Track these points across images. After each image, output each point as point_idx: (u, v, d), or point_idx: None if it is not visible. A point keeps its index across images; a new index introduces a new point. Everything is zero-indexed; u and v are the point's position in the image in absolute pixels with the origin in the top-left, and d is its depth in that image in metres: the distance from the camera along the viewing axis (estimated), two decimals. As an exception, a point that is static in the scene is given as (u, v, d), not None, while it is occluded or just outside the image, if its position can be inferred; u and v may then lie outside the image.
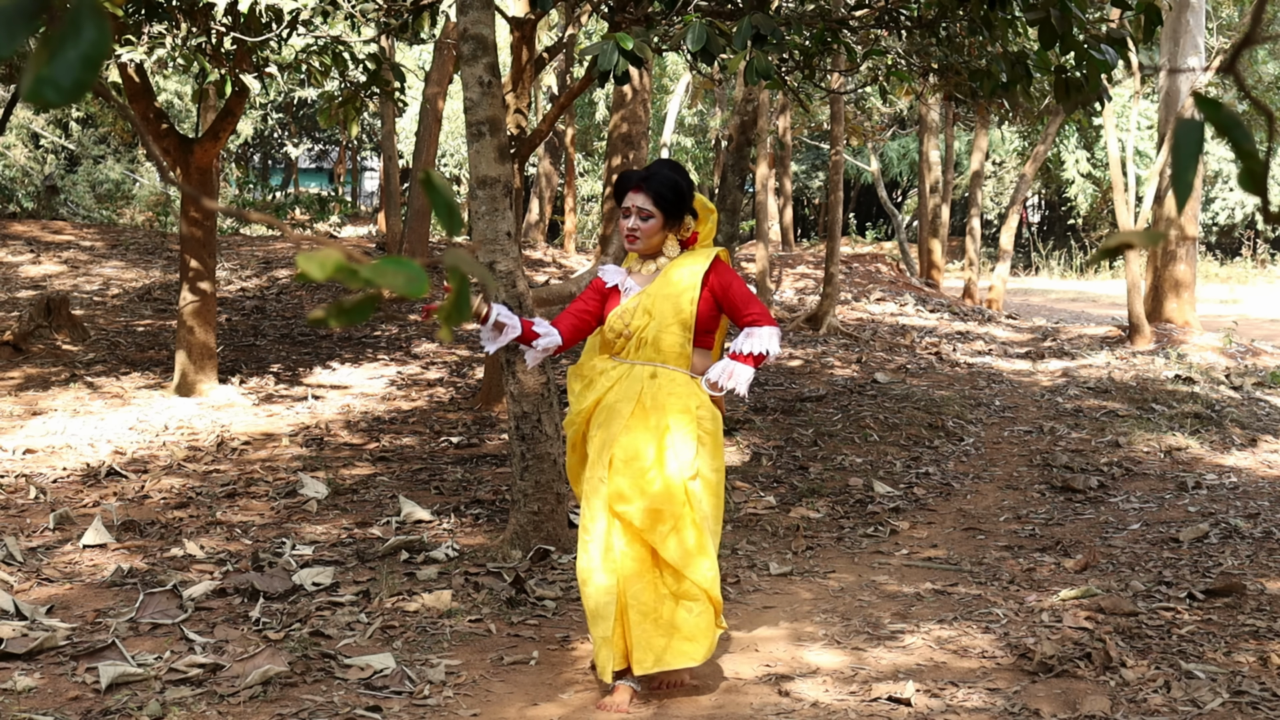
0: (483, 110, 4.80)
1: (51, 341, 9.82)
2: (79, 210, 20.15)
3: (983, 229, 27.12)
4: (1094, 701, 3.45)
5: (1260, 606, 4.35)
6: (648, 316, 3.59)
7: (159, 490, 5.96)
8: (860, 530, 5.66)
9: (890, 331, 13.26)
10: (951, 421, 8.03)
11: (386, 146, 14.67)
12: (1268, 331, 14.89)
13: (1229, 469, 6.92)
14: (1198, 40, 12.59)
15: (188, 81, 20.03)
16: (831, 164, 13.42)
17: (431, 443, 7.29)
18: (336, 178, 36.01)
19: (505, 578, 4.58)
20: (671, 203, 3.61)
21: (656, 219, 3.61)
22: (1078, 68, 5.52)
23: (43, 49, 0.82)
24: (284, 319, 11.73)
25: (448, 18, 11.78)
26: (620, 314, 3.64)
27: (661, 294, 3.60)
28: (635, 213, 3.61)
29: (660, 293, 3.61)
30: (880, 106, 20.39)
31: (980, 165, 18.47)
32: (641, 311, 3.61)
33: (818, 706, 3.49)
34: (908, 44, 6.92)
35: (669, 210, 3.62)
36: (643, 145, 12.20)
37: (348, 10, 7.00)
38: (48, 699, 3.41)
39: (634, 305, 3.63)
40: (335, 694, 3.52)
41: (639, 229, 3.61)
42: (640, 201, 3.60)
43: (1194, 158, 0.94)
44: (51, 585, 4.45)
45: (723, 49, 5.00)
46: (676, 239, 3.69)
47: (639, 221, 3.61)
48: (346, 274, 0.88)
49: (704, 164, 27.10)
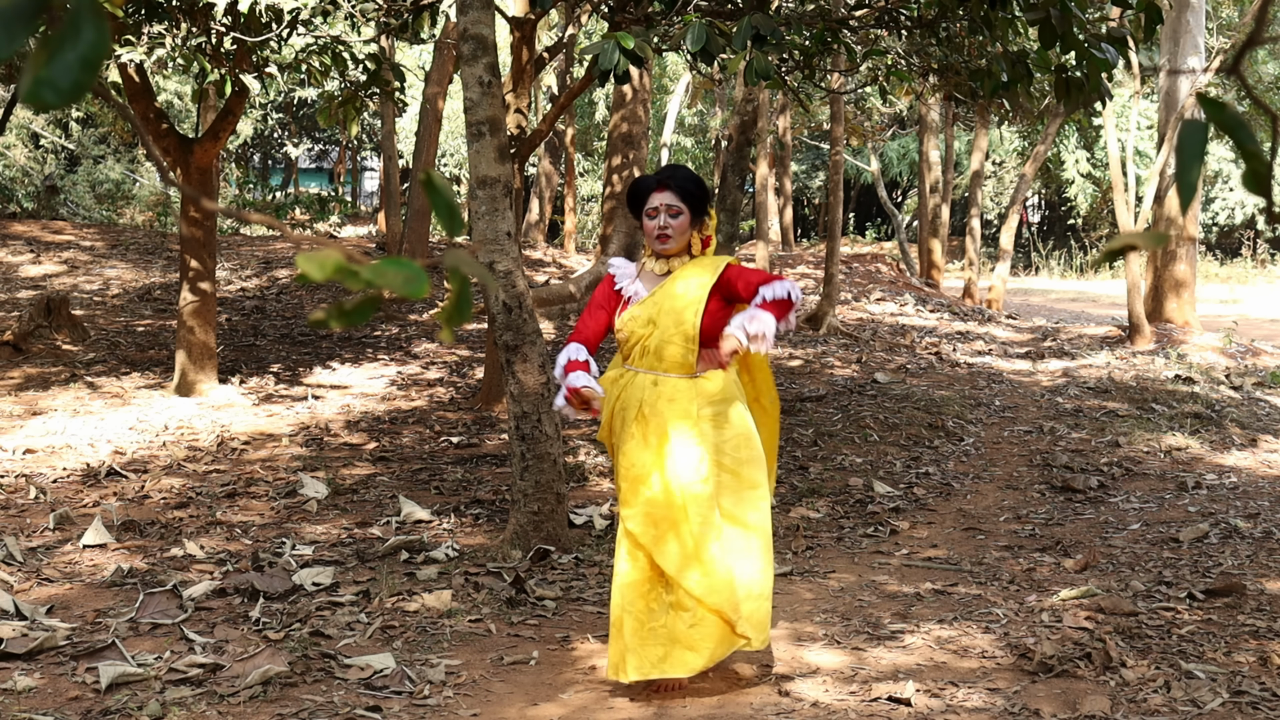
0: (483, 110, 4.80)
1: (51, 341, 9.82)
2: (79, 210, 20.15)
3: (983, 229, 27.12)
4: (1094, 701, 3.45)
5: (1260, 606, 4.35)
6: (651, 326, 3.57)
7: (159, 490, 5.96)
8: (860, 530, 5.66)
9: (890, 331, 13.26)
10: (951, 421, 8.03)
11: (386, 146, 14.67)
12: (1268, 331, 14.88)
13: (1229, 469, 6.92)
14: (1198, 40, 12.59)
15: (188, 81, 20.02)
16: (831, 164, 13.42)
17: (431, 443, 7.29)
18: (336, 178, 36.00)
19: (505, 578, 4.58)
20: (697, 197, 3.59)
21: (685, 215, 3.58)
22: (1078, 67, 5.52)
23: (42, 50, 0.82)
24: (284, 319, 11.73)
25: (448, 18, 11.78)
26: (626, 322, 3.62)
27: (666, 306, 3.57)
28: (664, 210, 3.56)
29: (665, 304, 3.57)
30: (880, 106, 20.38)
31: (980, 165, 18.47)
32: (645, 320, 3.58)
33: (818, 706, 3.49)
34: (908, 44, 6.91)
35: (695, 206, 3.60)
36: (643, 145, 12.19)
37: (348, 10, 7.00)
38: (48, 699, 3.41)
39: (640, 314, 3.60)
40: (335, 694, 3.52)
41: (670, 226, 3.57)
42: (667, 199, 3.56)
43: (1198, 158, 0.94)
44: (51, 585, 4.45)
45: (723, 49, 5.00)
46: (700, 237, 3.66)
47: (669, 219, 3.57)
48: (346, 275, 0.88)
49: (704, 164, 27.09)
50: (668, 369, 3.56)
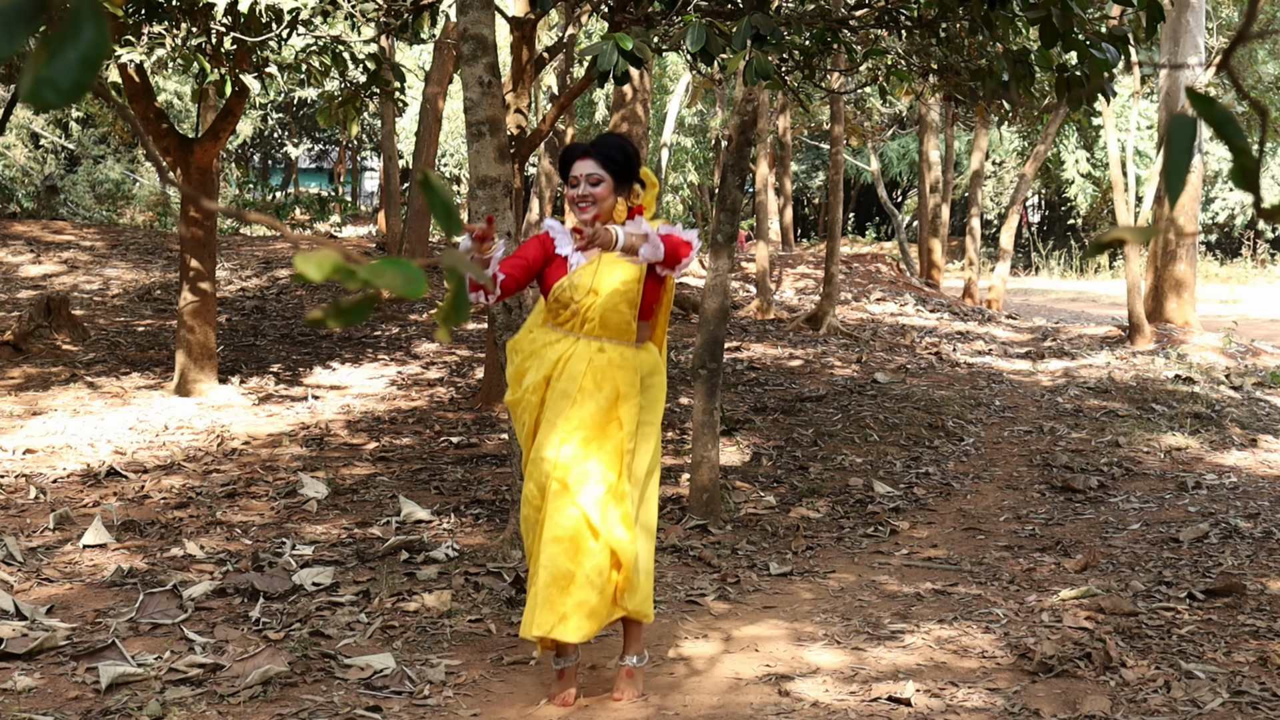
0: (483, 110, 4.80)
1: (51, 341, 9.82)
2: (79, 210, 20.15)
3: (983, 229, 27.13)
4: (1094, 701, 3.45)
5: (1260, 606, 4.35)
6: (594, 295, 3.49)
7: (159, 490, 5.96)
8: (860, 530, 5.66)
9: (890, 331, 13.26)
10: (951, 421, 8.03)
11: (386, 146, 14.68)
12: (1268, 331, 14.89)
13: (1229, 469, 6.92)
14: (1198, 40, 12.59)
15: (188, 81, 20.02)
16: (831, 164, 13.42)
17: (431, 443, 7.29)
18: (336, 178, 36.01)
19: (505, 578, 4.58)
20: (621, 165, 3.51)
21: (607, 182, 3.49)
22: (1079, 66, 5.52)
23: (42, 50, 0.82)
24: (284, 319, 11.73)
25: (448, 18, 11.78)
26: (567, 288, 3.52)
27: (607, 271, 3.51)
28: (584, 180, 3.49)
29: (606, 270, 3.51)
30: (880, 106, 20.39)
31: (980, 165, 18.48)
32: (586, 289, 3.50)
33: (818, 706, 3.49)
34: (908, 44, 6.91)
35: (619, 174, 3.51)
36: (643, 145, 12.19)
37: (348, 10, 7.00)
38: (48, 699, 3.41)
39: (581, 282, 3.51)
40: (335, 694, 3.52)
41: (589, 194, 3.49)
42: (589, 168, 3.49)
43: (1187, 154, 0.94)
44: (51, 585, 4.45)
45: (722, 49, 5.00)
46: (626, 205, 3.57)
47: (589, 187, 3.49)
48: (344, 275, 0.88)
49: (704, 164, 27.09)
50: (611, 335, 3.51)
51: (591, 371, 3.48)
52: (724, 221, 5.74)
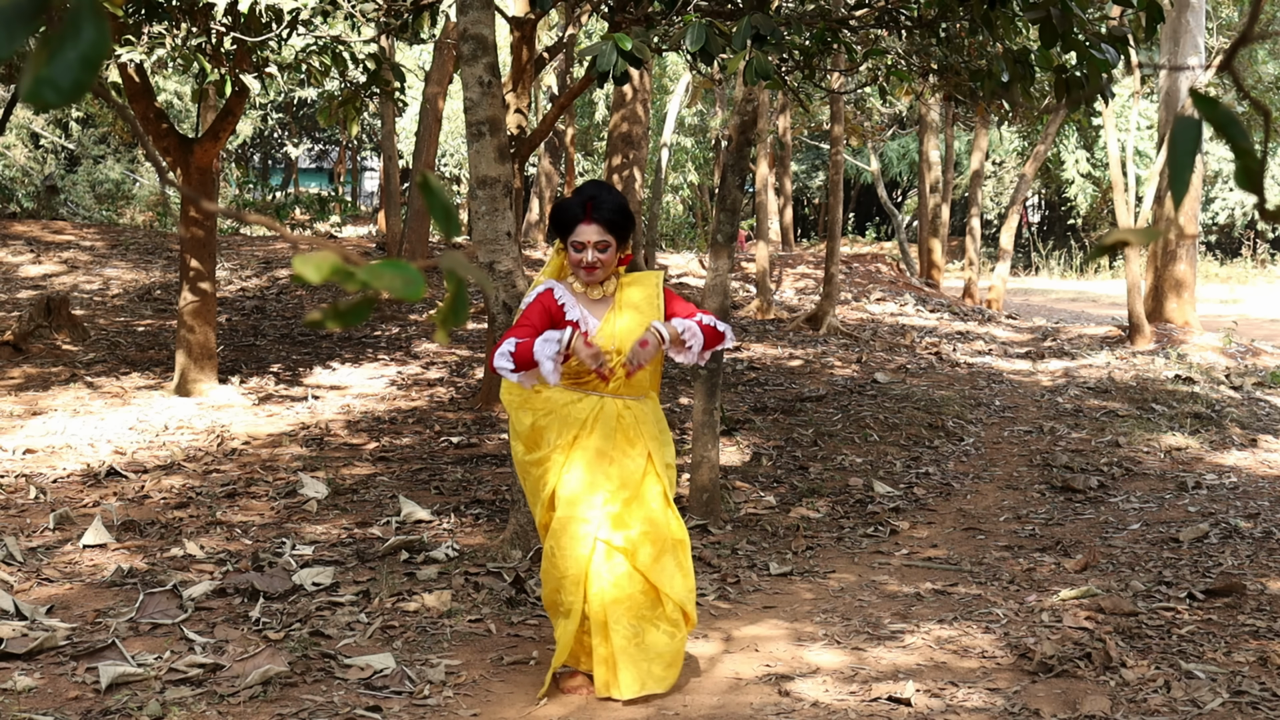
0: (483, 110, 4.80)
1: (51, 341, 9.82)
2: (79, 210, 20.16)
3: (983, 229, 27.13)
4: (1094, 701, 3.45)
5: (1260, 606, 4.35)
6: (619, 355, 3.47)
7: (159, 490, 5.96)
8: (860, 530, 5.66)
9: (890, 331, 13.26)
10: (951, 421, 8.03)
11: (386, 146, 14.68)
12: (1268, 331, 14.89)
13: (1229, 469, 6.92)
14: (1198, 40, 12.59)
15: (188, 81, 20.02)
16: (831, 164, 13.42)
17: (431, 443, 7.29)
18: (336, 178, 36.02)
19: (505, 578, 4.58)
20: (622, 226, 3.50)
21: (612, 246, 3.49)
22: (1079, 66, 5.52)
23: (42, 49, 0.82)
24: (284, 319, 11.73)
25: (448, 18, 11.78)
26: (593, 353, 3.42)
27: (628, 329, 3.49)
28: (591, 246, 3.46)
29: (627, 328, 3.50)
30: (880, 106, 20.38)
31: (980, 165, 18.48)
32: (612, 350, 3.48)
33: (818, 706, 3.49)
34: (908, 44, 6.91)
35: (621, 235, 3.51)
36: (643, 145, 12.20)
37: (348, 10, 7.00)
38: (48, 699, 3.41)
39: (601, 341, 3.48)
40: (335, 694, 3.52)
41: (599, 261, 3.47)
42: (594, 235, 3.45)
43: (1191, 155, 0.94)
44: (51, 585, 4.45)
45: (722, 49, 5.00)
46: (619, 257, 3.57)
47: (598, 254, 3.47)
48: (343, 276, 0.88)
49: (704, 164, 27.10)
50: (634, 391, 3.54)
51: (622, 430, 3.49)
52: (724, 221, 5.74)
